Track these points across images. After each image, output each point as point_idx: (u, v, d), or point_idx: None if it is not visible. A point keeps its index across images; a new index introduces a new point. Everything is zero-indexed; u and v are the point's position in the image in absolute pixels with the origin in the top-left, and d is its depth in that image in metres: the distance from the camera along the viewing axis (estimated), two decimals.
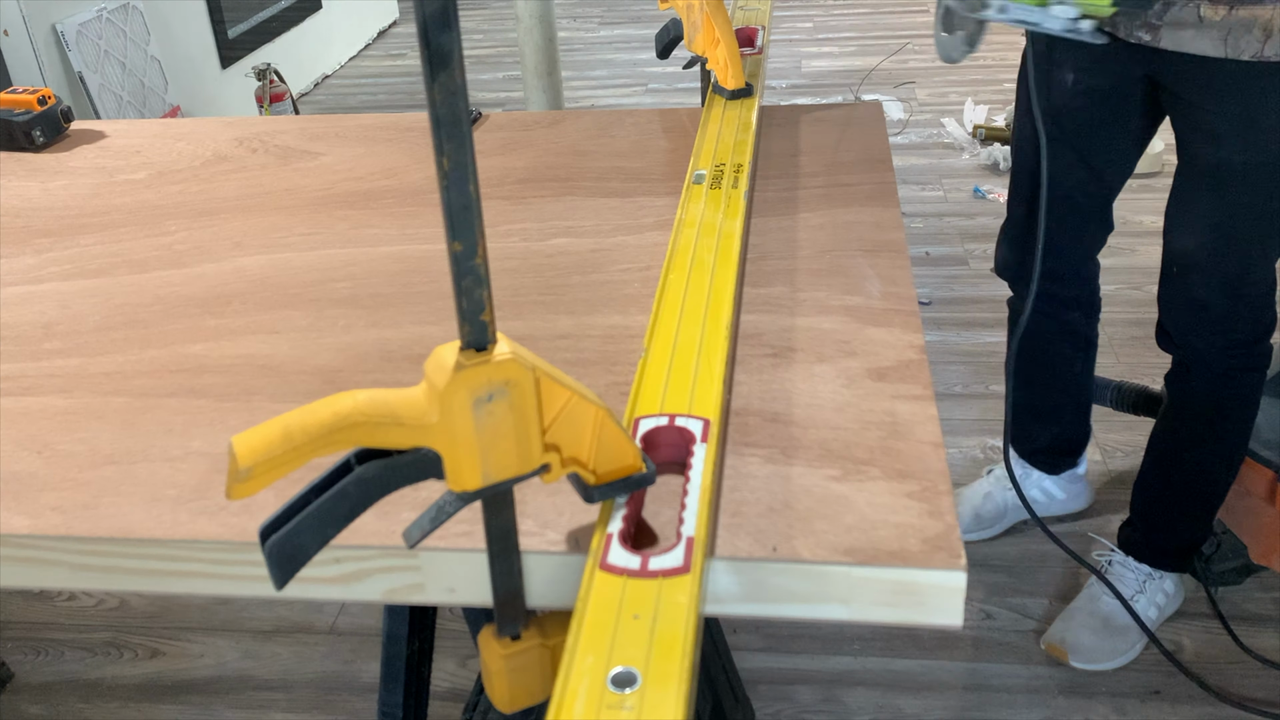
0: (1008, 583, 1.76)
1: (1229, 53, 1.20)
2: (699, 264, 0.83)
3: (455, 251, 0.47)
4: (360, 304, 0.89)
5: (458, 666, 1.67)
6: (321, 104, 4.47)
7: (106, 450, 0.72)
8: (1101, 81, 1.38)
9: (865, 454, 0.66)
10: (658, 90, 4.27)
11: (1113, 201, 1.52)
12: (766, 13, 1.42)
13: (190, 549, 0.64)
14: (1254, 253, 1.34)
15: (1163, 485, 1.58)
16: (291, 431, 0.48)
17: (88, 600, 1.86)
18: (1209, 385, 1.45)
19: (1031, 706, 1.55)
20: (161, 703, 1.65)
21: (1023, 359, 1.70)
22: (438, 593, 0.63)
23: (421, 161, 1.18)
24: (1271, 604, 1.69)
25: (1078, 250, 1.57)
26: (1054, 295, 1.61)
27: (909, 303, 0.83)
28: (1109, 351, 2.30)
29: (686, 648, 0.49)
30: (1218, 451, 1.51)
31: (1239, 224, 1.32)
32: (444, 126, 0.44)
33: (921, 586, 0.58)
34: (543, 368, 0.52)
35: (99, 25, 3.29)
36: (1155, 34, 1.26)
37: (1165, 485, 1.58)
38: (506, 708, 0.60)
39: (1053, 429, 1.77)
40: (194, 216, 1.09)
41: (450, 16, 0.42)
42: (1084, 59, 1.37)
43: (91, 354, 0.84)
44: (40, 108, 1.29)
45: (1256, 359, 1.43)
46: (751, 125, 1.08)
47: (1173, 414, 1.53)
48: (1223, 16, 1.19)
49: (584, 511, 0.63)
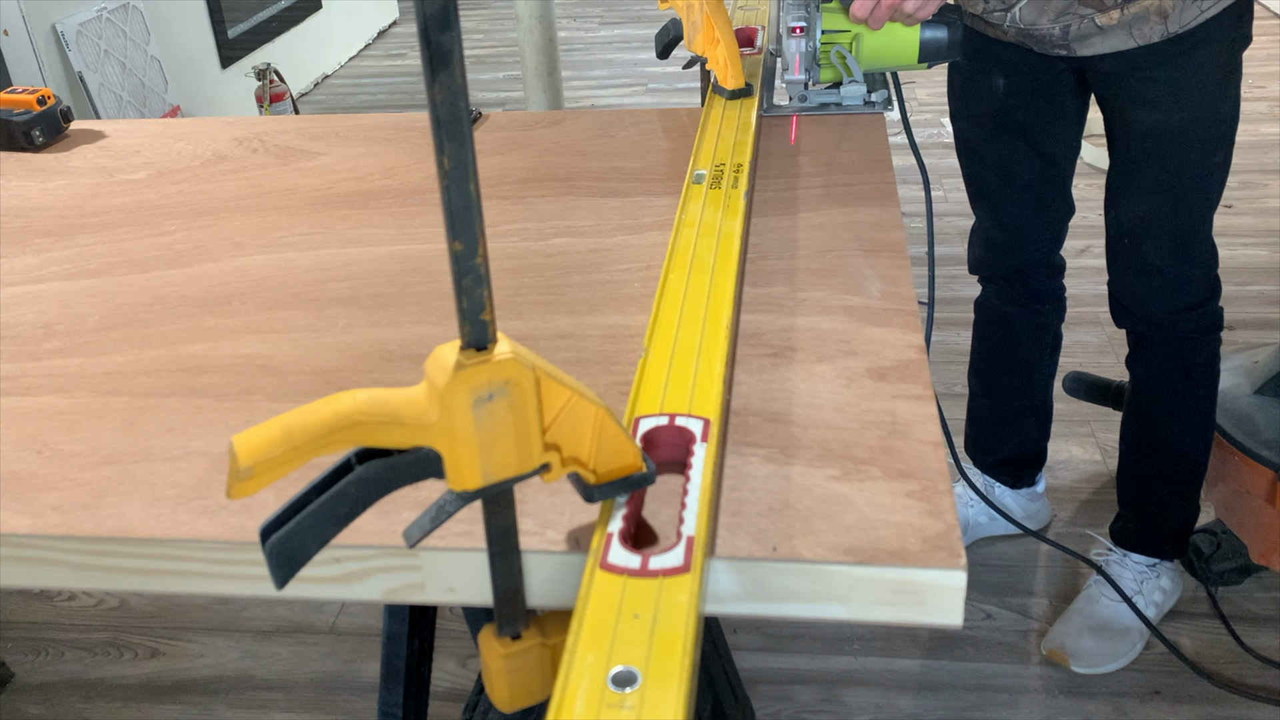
0: (1008, 583, 1.76)
1: (1139, 42, 1.27)
2: (699, 264, 0.83)
3: (455, 251, 0.47)
4: (360, 304, 0.89)
5: (458, 666, 1.67)
6: (321, 104, 4.47)
7: (106, 450, 0.72)
8: (1029, 81, 1.43)
9: (865, 454, 0.66)
10: (658, 90, 4.27)
11: (1070, 184, 1.55)
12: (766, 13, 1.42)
13: (190, 549, 0.64)
14: (1199, 210, 1.38)
15: (1145, 470, 1.59)
16: (292, 431, 0.48)
17: (88, 600, 1.86)
18: (1171, 354, 1.48)
19: (1031, 706, 1.55)
20: (161, 703, 1.65)
21: (991, 361, 1.72)
22: (438, 592, 0.63)
23: (421, 161, 1.18)
24: (1271, 604, 1.69)
25: (1045, 238, 1.60)
26: (1028, 287, 1.62)
27: (909, 303, 0.83)
28: (1109, 351, 2.30)
29: (686, 647, 0.49)
30: (1191, 421, 1.53)
31: (1184, 182, 1.35)
32: (444, 126, 0.44)
33: (921, 586, 0.58)
34: (543, 367, 0.52)
35: (99, 25, 3.29)
36: (1068, 48, 1.32)
37: (1147, 469, 1.59)
38: (506, 707, 0.60)
39: (1015, 438, 1.78)
40: (194, 216, 1.09)
41: (450, 16, 0.42)
42: (1009, 65, 1.42)
43: (91, 354, 0.84)
44: (40, 108, 1.29)
45: (1210, 319, 1.46)
46: (751, 125, 1.08)
47: (1141, 395, 1.55)
48: (1118, 18, 1.25)
49: (584, 511, 0.63)
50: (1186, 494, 1.59)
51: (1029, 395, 1.73)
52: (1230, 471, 1.63)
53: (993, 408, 1.77)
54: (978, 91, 1.47)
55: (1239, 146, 1.37)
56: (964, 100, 1.52)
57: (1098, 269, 1.80)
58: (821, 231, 0.95)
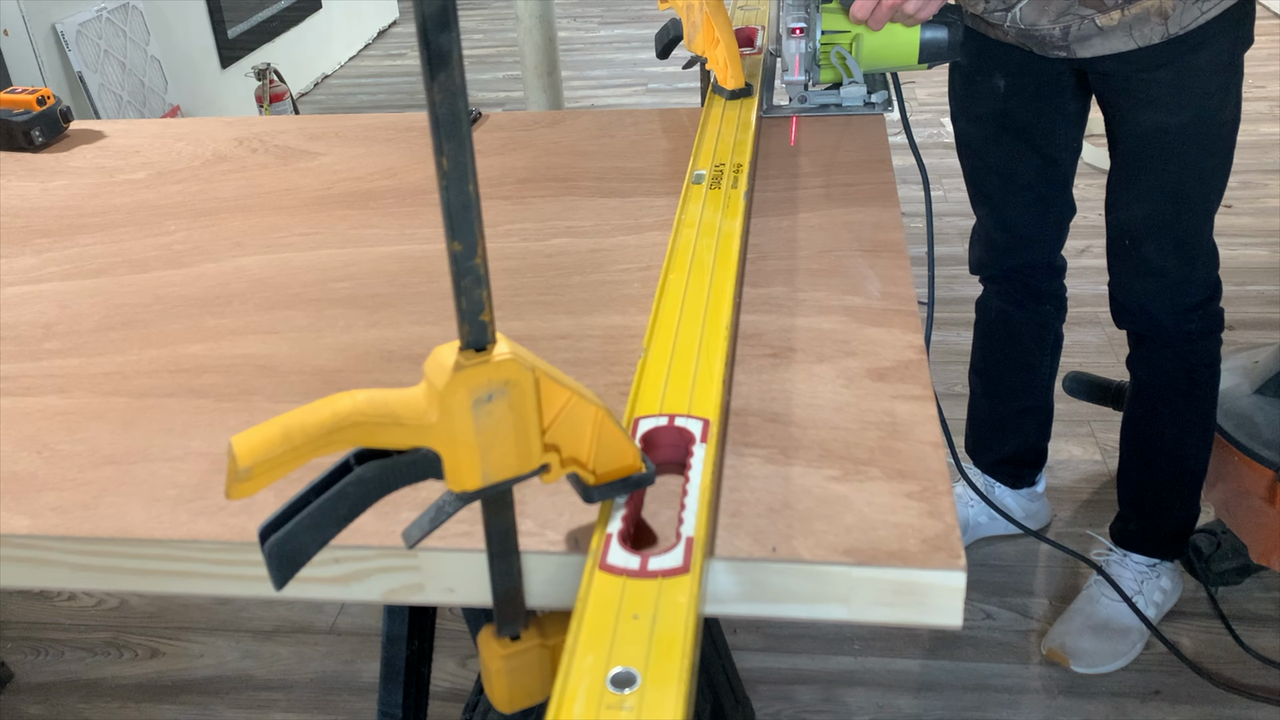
0: (1008, 583, 1.76)
1: (1139, 43, 1.26)
2: (699, 264, 0.83)
3: (455, 251, 0.47)
4: (360, 304, 0.89)
5: (458, 666, 1.67)
6: (321, 104, 4.47)
7: (106, 450, 0.72)
8: (1030, 82, 1.43)
9: (865, 454, 0.66)
10: (658, 90, 4.27)
11: (1071, 184, 1.55)
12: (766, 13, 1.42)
13: (190, 549, 0.64)
14: (1200, 210, 1.38)
15: (1146, 470, 1.59)
16: (291, 431, 0.48)
17: (88, 600, 1.86)
18: (1172, 355, 1.48)
19: (1031, 707, 1.55)
20: (161, 703, 1.65)
21: (992, 361, 1.72)
22: (437, 593, 0.63)
23: (421, 161, 1.18)
24: (1271, 604, 1.69)
25: (1046, 239, 1.60)
26: (1029, 287, 1.63)
27: (909, 303, 0.83)
28: (1109, 351, 2.30)
29: (686, 648, 0.49)
30: (1191, 422, 1.53)
31: (1186, 183, 1.35)
32: (443, 126, 0.44)
33: (921, 586, 0.58)
34: (542, 368, 0.52)
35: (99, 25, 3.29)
36: (1068, 49, 1.32)
37: (1148, 469, 1.59)
38: (506, 708, 0.60)
39: (1016, 438, 1.78)
40: (194, 216, 1.09)
41: (450, 16, 0.42)
42: (1010, 66, 1.42)
43: (91, 354, 0.84)
44: (39, 108, 1.29)
45: (1211, 321, 1.46)
46: (751, 125, 1.08)
47: (1142, 395, 1.55)
48: (1119, 19, 1.25)
49: (583, 511, 0.63)
50: (1187, 494, 1.59)
51: (1030, 395, 1.73)
52: (1230, 471, 1.63)
53: (993, 408, 1.77)
54: (979, 92, 1.48)
55: (1239, 146, 1.37)
56: (965, 101, 1.52)
57: (1098, 269, 1.81)
58: (821, 232, 0.95)
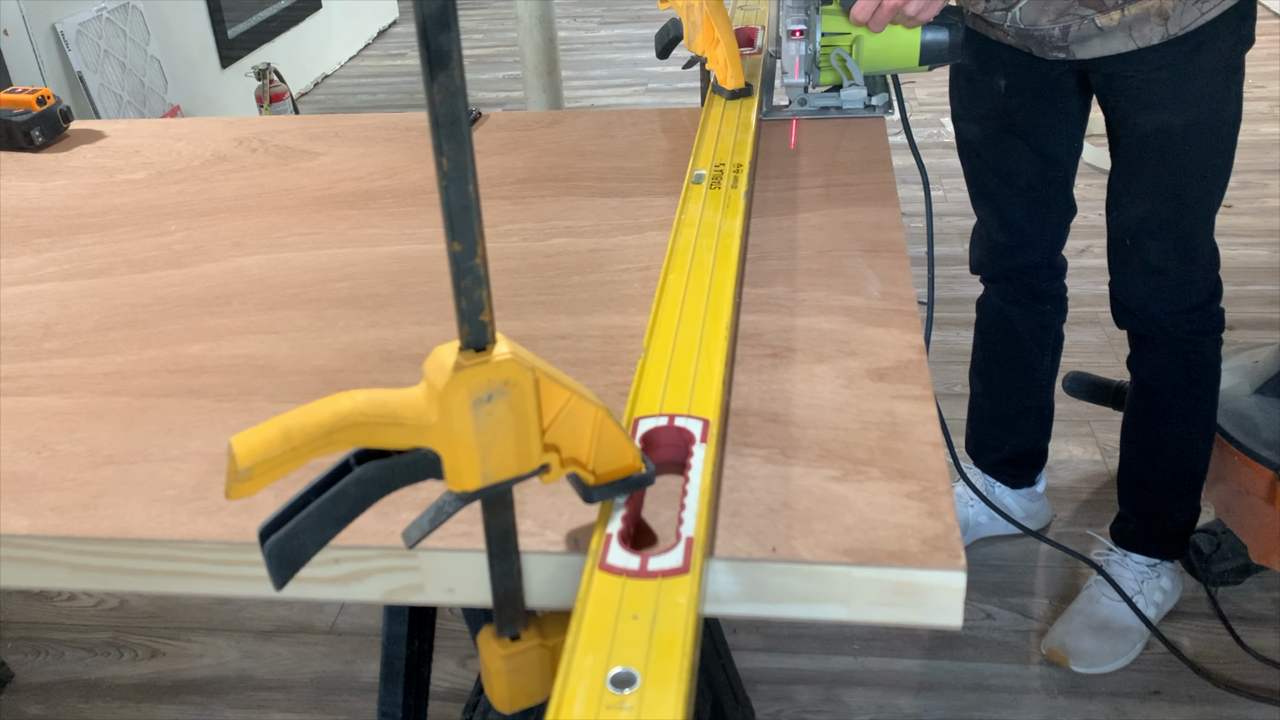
0: (1008, 583, 1.76)
1: (1139, 44, 1.26)
2: (699, 264, 0.83)
3: (455, 251, 0.47)
4: (360, 304, 0.89)
5: (458, 666, 1.67)
6: (321, 104, 4.47)
7: (106, 450, 0.72)
8: (1030, 83, 1.43)
9: (865, 454, 0.66)
10: (658, 90, 4.27)
11: (1072, 184, 1.55)
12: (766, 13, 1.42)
13: (190, 549, 0.64)
14: (1201, 211, 1.38)
15: (1145, 470, 1.59)
16: (291, 432, 0.48)
17: (88, 600, 1.86)
18: (1172, 355, 1.48)
19: (1031, 707, 1.55)
20: (161, 703, 1.65)
21: (992, 361, 1.72)
22: (437, 593, 0.63)
23: (421, 161, 1.18)
24: (1271, 604, 1.69)
25: (1046, 239, 1.60)
26: (1029, 287, 1.63)
27: (909, 303, 0.83)
28: (1109, 351, 2.30)
29: (686, 648, 0.49)
30: (1191, 422, 1.53)
31: (1186, 184, 1.35)
32: (443, 126, 0.44)
33: (921, 587, 0.58)
34: (542, 368, 0.52)
35: (99, 25, 3.29)
36: (1068, 51, 1.32)
37: (1148, 469, 1.59)
38: (506, 708, 0.60)
39: (1016, 438, 1.78)
40: (194, 216, 1.09)
41: (449, 16, 0.42)
42: (1011, 66, 1.42)
43: (91, 354, 0.84)
44: (39, 108, 1.29)
45: (1211, 321, 1.46)
46: (751, 125, 1.08)
47: (1142, 395, 1.55)
48: (1119, 19, 1.25)
49: (583, 512, 0.63)
50: (1187, 494, 1.59)
51: (1030, 395, 1.73)
52: (1230, 471, 1.63)
53: (993, 408, 1.77)
54: (979, 93, 1.47)
55: (1239, 146, 1.37)
56: (966, 101, 1.52)
57: (1098, 269, 1.81)
58: (821, 232, 0.95)
